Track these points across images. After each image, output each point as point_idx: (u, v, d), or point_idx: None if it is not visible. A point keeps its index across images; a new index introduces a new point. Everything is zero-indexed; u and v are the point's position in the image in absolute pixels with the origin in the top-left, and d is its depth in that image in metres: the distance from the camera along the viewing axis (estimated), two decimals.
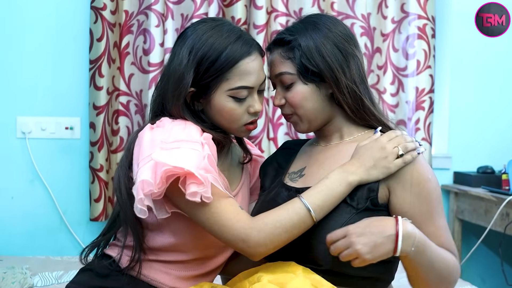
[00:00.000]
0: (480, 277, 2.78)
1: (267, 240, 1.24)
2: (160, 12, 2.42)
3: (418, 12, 2.57)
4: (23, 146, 2.47)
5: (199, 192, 1.20)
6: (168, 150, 1.23)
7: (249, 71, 1.35)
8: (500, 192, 2.37)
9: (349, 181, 1.27)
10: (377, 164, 1.28)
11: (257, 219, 1.25)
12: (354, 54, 1.37)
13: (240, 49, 1.35)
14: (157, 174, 1.20)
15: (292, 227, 1.25)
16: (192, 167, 1.19)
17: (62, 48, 2.48)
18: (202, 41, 1.35)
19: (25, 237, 2.48)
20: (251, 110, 1.37)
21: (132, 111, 2.47)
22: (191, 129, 1.31)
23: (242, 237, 1.23)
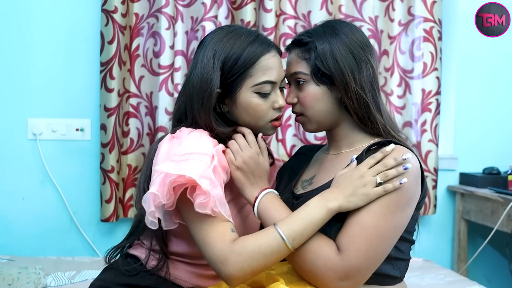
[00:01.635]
0: (486, 277, 2.80)
1: (245, 265, 1.24)
2: (170, 14, 2.44)
3: (425, 15, 2.59)
4: (34, 147, 2.48)
5: (206, 204, 1.23)
6: (176, 162, 1.27)
7: (271, 66, 1.41)
8: (506, 193, 2.39)
9: (328, 207, 1.27)
10: (356, 192, 1.28)
11: (237, 243, 1.26)
12: (368, 61, 1.40)
13: (260, 46, 1.40)
14: (165, 185, 1.23)
15: (271, 253, 1.25)
16: (194, 175, 1.22)
17: (74, 50, 2.49)
18: (223, 43, 1.40)
19: (36, 238, 2.49)
20: (276, 106, 1.42)
21: (142, 113, 2.49)
22: (205, 141, 1.35)
23: (220, 260, 1.24)
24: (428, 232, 2.74)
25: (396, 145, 1.34)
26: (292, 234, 1.26)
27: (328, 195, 1.29)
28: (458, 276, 2.25)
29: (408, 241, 1.41)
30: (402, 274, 1.42)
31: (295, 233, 1.26)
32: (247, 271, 1.25)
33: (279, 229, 1.26)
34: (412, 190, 1.31)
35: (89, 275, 2.10)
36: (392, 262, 1.37)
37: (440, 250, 2.78)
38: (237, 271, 1.24)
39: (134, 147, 2.47)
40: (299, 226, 1.26)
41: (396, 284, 1.40)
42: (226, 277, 1.25)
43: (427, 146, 2.61)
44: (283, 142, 2.54)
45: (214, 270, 1.28)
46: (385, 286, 1.38)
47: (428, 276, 2.22)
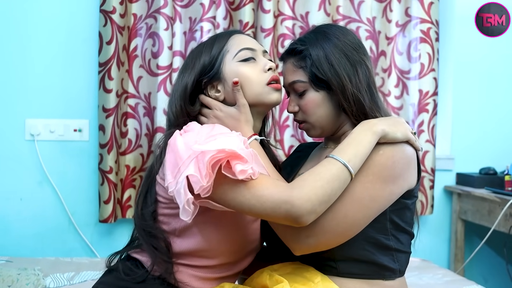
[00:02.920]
0: (482, 277, 2.81)
1: (311, 193, 1.20)
2: (169, 15, 2.44)
3: (422, 16, 2.60)
4: (31, 148, 2.47)
5: (247, 169, 1.19)
6: (205, 143, 1.22)
7: (243, 40, 1.46)
8: (503, 193, 2.41)
9: (373, 130, 1.29)
10: (396, 124, 1.33)
11: (295, 180, 1.24)
12: (362, 62, 1.42)
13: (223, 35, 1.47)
14: (201, 166, 1.19)
15: (333, 178, 1.23)
16: (233, 147, 1.19)
17: (72, 51, 2.48)
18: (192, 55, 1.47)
19: (34, 238, 2.48)
20: (266, 67, 1.42)
21: (140, 113, 2.48)
22: (221, 126, 1.33)
23: (284, 199, 1.19)
24: (425, 232, 2.75)
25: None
26: (347, 156, 1.25)
27: (368, 122, 1.32)
28: (456, 276, 2.27)
29: (407, 233, 1.41)
30: (402, 268, 1.42)
31: (349, 155, 1.25)
32: (314, 201, 1.20)
33: (333, 155, 1.26)
34: (399, 168, 1.32)
35: (88, 276, 2.10)
36: (392, 253, 1.37)
37: (437, 250, 2.80)
38: (305, 202, 1.19)
39: (132, 148, 2.47)
40: (350, 149, 1.26)
41: (396, 278, 1.40)
42: (295, 214, 1.19)
43: (425, 147, 2.62)
44: (281, 142, 2.54)
45: (280, 219, 1.22)
46: (385, 280, 1.38)
47: (426, 275, 2.23)
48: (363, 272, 1.36)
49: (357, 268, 1.36)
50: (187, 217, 1.22)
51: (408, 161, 1.34)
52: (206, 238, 1.38)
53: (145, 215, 1.40)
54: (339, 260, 1.36)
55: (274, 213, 1.21)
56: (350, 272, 1.36)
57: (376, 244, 1.35)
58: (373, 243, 1.35)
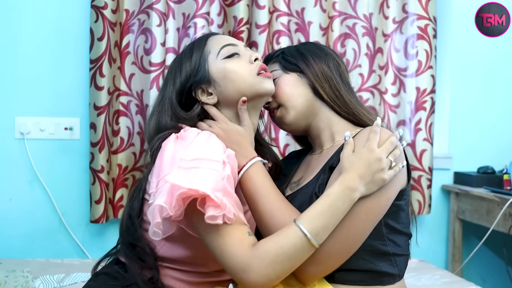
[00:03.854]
0: (481, 278, 2.78)
1: (270, 270, 1.17)
2: (162, 11, 2.39)
3: (420, 13, 2.57)
4: (21, 147, 2.42)
5: (217, 215, 1.16)
6: (186, 170, 1.20)
7: (222, 38, 1.44)
8: (503, 192, 2.37)
9: (352, 199, 1.22)
10: (374, 178, 1.24)
11: (258, 247, 1.19)
12: (332, 56, 1.50)
13: (200, 40, 1.45)
14: (173, 197, 1.16)
15: (296, 254, 1.19)
16: (208, 189, 1.15)
17: (62, 47, 2.43)
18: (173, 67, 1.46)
19: (24, 239, 2.44)
20: (252, 58, 1.40)
21: (133, 111, 2.44)
22: (214, 144, 1.28)
23: (242, 267, 1.17)
24: (422, 232, 2.71)
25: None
26: (315, 229, 1.19)
27: (349, 183, 1.22)
28: (454, 276, 2.23)
29: (404, 234, 1.38)
30: (402, 272, 1.38)
31: (318, 227, 1.19)
32: (271, 276, 1.17)
33: (300, 225, 1.19)
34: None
35: (79, 278, 2.05)
36: (390, 258, 1.34)
37: (435, 250, 2.76)
38: (261, 277, 1.16)
39: (124, 147, 2.42)
40: (321, 220, 1.19)
41: (396, 282, 1.36)
42: (250, 285, 1.18)
43: (422, 145, 2.58)
44: (276, 141, 2.50)
45: (236, 280, 1.21)
46: (384, 286, 1.34)
47: (424, 276, 2.20)
48: (360, 279, 1.33)
49: (354, 276, 1.32)
50: (157, 237, 1.20)
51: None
52: (195, 245, 1.34)
53: (130, 223, 1.38)
54: (336, 271, 1.31)
55: (231, 273, 1.20)
56: (347, 280, 1.32)
57: (373, 252, 1.32)
58: (370, 251, 1.31)
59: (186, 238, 1.32)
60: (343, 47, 2.55)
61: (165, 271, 1.38)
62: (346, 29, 2.56)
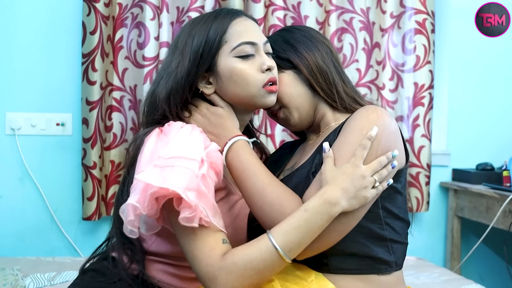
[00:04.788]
0: (479, 276, 2.75)
1: (237, 283, 1.13)
2: (155, 4, 2.35)
3: (418, 7, 2.53)
4: (12, 143, 2.38)
5: (190, 217, 1.12)
6: (160, 168, 1.16)
7: (246, 28, 1.33)
8: (502, 189, 2.34)
9: (331, 214, 1.17)
10: (357, 195, 1.19)
11: (226, 258, 1.14)
12: (323, 42, 1.44)
13: (224, 17, 1.33)
14: (146, 195, 1.13)
15: (265, 268, 1.14)
16: (179, 188, 1.11)
17: (54, 41, 2.39)
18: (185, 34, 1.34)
19: (14, 237, 2.39)
20: (264, 67, 1.31)
21: (126, 106, 2.39)
22: (194, 140, 1.23)
23: (209, 277, 1.14)
24: (420, 229, 2.68)
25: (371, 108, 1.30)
26: (288, 245, 1.14)
27: (330, 196, 1.16)
28: (453, 274, 2.20)
29: (402, 220, 1.34)
30: (399, 260, 1.34)
31: (291, 243, 1.14)
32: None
33: (273, 240, 1.14)
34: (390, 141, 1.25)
35: (70, 276, 2.01)
36: (387, 244, 1.30)
37: (433, 248, 2.73)
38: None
39: (117, 143, 2.38)
40: (296, 235, 1.14)
41: (393, 272, 1.32)
42: None
43: (420, 142, 2.54)
44: (272, 137, 2.47)
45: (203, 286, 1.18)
46: (380, 275, 1.30)
47: (422, 274, 2.16)
48: (356, 267, 1.29)
49: (350, 264, 1.29)
50: (134, 236, 1.17)
51: (394, 134, 1.27)
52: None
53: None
54: (331, 256, 1.28)
55: (200, 281, 1.17)
56: (342, 268, 1.29)
57: (369, 235, 1.28)
58: (366, 234, 1.28)
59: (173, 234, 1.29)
60: (340, 42, 2.52)
61: (156, 266, 1.34)
62: (343, 23, 2.52)
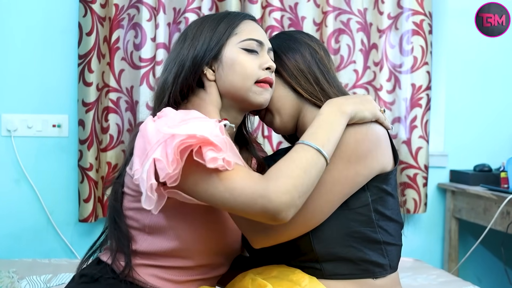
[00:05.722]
0: (476, 277, 2.74)
1: (289, 185, 1.09)
2: (152, 5, 2.34)
3: (415, 8, 2.52)
4: (8, 144, 2.37)
5: (219, 157, 1.10)
6: (176, 127, 1.13)
7: (256, 29, 1.36)
8: (500, 190, 2.33)
9: (342, 110, 1.21)
10: (364, 103, 1.25)
11: (269, 171, 1.13)
12: (307, 45, 1.41)
13: (236, 15, 1.36)
14: (169, 152, 1.09)
15: (309, 166, 1.13)
16: (206, 133, 1.10)
17: (50, 42, 2.38)
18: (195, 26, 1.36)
19: (10, 239, 2.38)
20: (265, 66, 1.32)
21: (122, 108, 2.39)
22: (196, 112, 1.22)
23: (259, 193, 1.09)
24: (418, 231, 2.68)
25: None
26: (320, 141, 1.16)
27: (338, 100, 1.23)
28: (451, 276, 2.19)
29: (395, 222, 1.32)
30: (393, 263, 1.32)
31: (323, 140, 1.16)
32: (293, 192, 1.09)
33: (305, 141, 1.16)
34: (364, 146, 1.24)
35: (66, 278, 2.00)
36: (380, 247, 1.29)
37: (431, 249, 2.72)
38: (282, 195, 1.08)
39: (114, 144, 2.37)
40: (322, 133, 1.17)
41: (388, 275, 1.31)
42: (273, 209, 1.09)
43: (418, 143, 2.54)
44: (269, 138, 2.46)
45: (255, 214, 1.11)
46: (375, 279, 1.29)
47: (420, 276, 2.15)
48: (350, 272, 1.27)
49: (343, 268, 1.27)
50: (150, 205, 1.11)
51: (376, 140, 1.26)
52: (179, 235, 1.28)
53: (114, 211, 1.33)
54: (324, 261, 1.27)
55: (249, 209, 1.11)
56: (336, 273, 1.27)
57: (362, 239, 1.27)
58: (359, 238, 1.26)
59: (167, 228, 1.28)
60: (337, 43, 2.51)
61: (148, 270, 1.32)
62: (340, 24, 2.51)
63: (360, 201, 1.26)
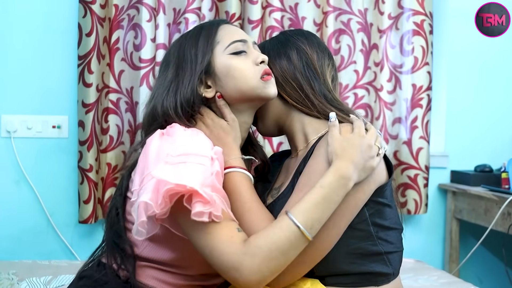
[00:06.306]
0: (477, 278, 2.74)
1: (263, 266, 1.10)
2: (152, 6, 2.33)
3: (416, 8, 2.52)
4: (8, 145, 2.36)
5: (205, 212, 1.11)
6: (172, 165, 1.14)
7: (234, 30, 1.38)
8: (501, 191, 2.32)
9: (347, 188, 1.17)
10: (365, 166, 1.20)
11: (249, 242, 1.12)
12: (299, 48, 1.39)
13: (210, 25, 1.38)
14: (159, 193, 1.11)
15: (289, 248, 1.12)
16: (196, 184, 1.10)
17: (50, 43, 2.37)
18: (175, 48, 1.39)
19: (10, 240, 2.37)
20: (258, 60, 1.33)
21: (122, 109, 2.38)
22: (202, 139, 1.23)
23: (233, 265, 1.11)
24: (419, 231, 2.67)
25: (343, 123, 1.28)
26: (309, 222, 1.12)
27: (344, 172, 1.16)
28: (452, 277, 2.18)
29: (394, 229, 1.32)
30: (396, 270, 1.33)
31: (312, 220, 1.12)
32: (265, 273, 1.11)
33: (294, 218, 1.12)
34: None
35: (67, 279, 1.99)
36: (383, 258, 1.28)
37: (431, 250, 2.72)
38: (255, 275, 1.10)
39: (114, 145, 2.36)
40: (316, 212, 1.13)
41: (391, 281, 1.31)
42: (243, 284, 1.11)
43: (418, 143, 2.53)
44: (270, 139, 2.45)
45: (228, 279, 1.14)
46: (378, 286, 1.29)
47: (421, 277, 2.15)
48: (353, 281, 1.27)
49: (346, 280, 1.27)
50: (141, 237, 1.15)
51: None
52: (179, 246, 1.29)
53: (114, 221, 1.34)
54: (326, 276, 1.26)
55: (222, 273, 1.14)
56: (338, 283, 1.27)
57: (363, 254, 1.26)
58: (359, 254, 1.26)
59: (171, 239, 1.27)
60: (337, 43, 2.50)
61: (148, 272, 1.33)
62: (340, 24, 2.51)
63: (358, 217, 1.25)
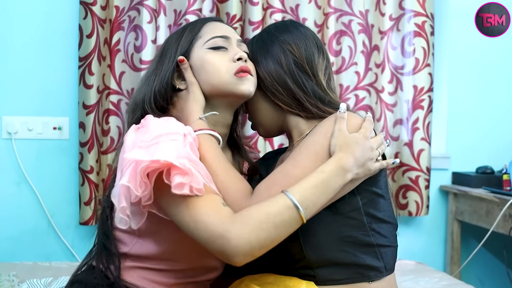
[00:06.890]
0: (479, 280, 2.73)
1: (252, 235, 1.07)
2: (152, 7, 2.33)
3: (417, 9, 2.51)
4: (9, 147, 2.36)
5: (185, 183, 1.09)
6: (146, 148, 1.14)
7: (220, 27, 1.39)
8: (502, 193, 2.32)
9: (344, 180, 1.18)
10: (365, 165, 1.22)
11: (240, 213, 1.11)
12: (285, 42, 1.37)
13: (199, 21, 1.41)
14: (136, 174, 1.10)
15: (282, 224, 1.11)
16: (170, 157, 1.09)
17: (50, 44, 2.37)
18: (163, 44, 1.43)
19: (11, 242, 2.37)
20: (236, 57, 1.33)
21: (123, 110, 2.37)
22: (173, 122, 1.23)
23: (220, 232, 1.07)
24: (420, 233, 2.66)
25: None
26: (305, 202, 1.12)
27: (345, 163, 1.17)
28: (453, 279, 2.18)
29: (388, 223, 1.32)
30: (388, 265, 1.31)
31: (308, 201, 1.13)
32: (254, 244, 1.08)
33: (290, 195, 1.12)
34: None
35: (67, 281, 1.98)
36: (374, 250, 1.28)
37: (433, 252, 2.70)
38: (242, 243, 1.07)
39: (114, 146, 2.36)
40: (313, 194, 1.13)
41: (384, 277, 1.30)
42: (228, 252, 1.08)
43: (420, 145, 2.52)
44: (271, 141, 2.45)
45: (213, 251, 1.11)
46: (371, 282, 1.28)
47: (422, 279, 2.14)
48: (345, 277, 1.26)
49: (337, 274, 1.26)
50: (125, 225, 1.13)
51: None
52: (168, 238, 1.29)
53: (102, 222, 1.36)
54: (317, 267, 1.26)
55: (207, 244, 1.11)
56: (330, 279, 1.26)
57: (355, 243, 1.26)
58: (351, 242, 1.26)
59: (158, 231, 1.28)
60: (338, 45, 2.50)
61: (139, 273, 1.32)
62: (341, 26, 2.50)
63: (351, 205, 1.25)
